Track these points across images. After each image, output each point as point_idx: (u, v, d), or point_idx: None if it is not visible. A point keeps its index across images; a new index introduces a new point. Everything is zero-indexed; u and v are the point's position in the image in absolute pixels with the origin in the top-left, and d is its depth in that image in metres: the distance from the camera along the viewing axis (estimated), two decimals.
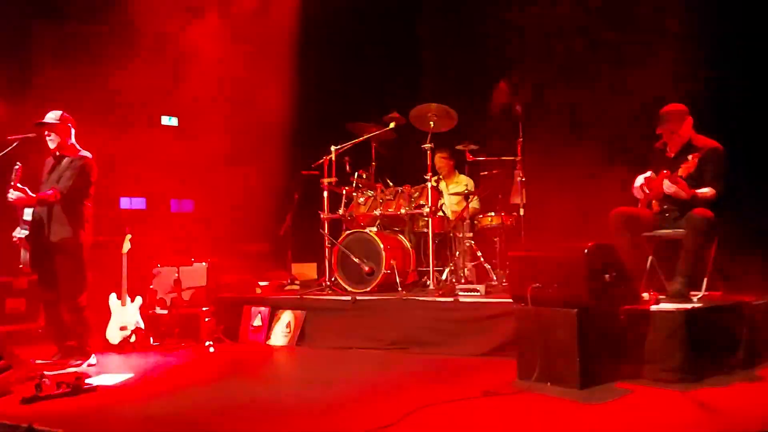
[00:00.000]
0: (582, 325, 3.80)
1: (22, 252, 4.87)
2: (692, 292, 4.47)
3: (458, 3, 8.09)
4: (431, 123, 6.12)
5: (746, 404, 3.49)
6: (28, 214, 4.86)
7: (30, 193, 4.77)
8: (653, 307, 4.10)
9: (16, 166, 4.76)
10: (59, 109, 5.12)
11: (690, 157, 4.36)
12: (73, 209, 5.00)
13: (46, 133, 5.04)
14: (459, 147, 6.53)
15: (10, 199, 4.75)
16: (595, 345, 3.85)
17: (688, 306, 4.07)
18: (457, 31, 7.87)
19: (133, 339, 5.68)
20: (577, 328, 3.79)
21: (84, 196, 5.08)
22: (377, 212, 6.30)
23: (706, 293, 4.54)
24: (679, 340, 3.91)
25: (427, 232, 6.01)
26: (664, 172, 4.56)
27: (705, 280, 4.56)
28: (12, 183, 4.72)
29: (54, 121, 5.02)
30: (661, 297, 4.38)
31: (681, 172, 4.38)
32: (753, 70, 5.92)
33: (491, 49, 7.63)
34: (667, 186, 4.50)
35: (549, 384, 3.87)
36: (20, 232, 4.85)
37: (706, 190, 4.50)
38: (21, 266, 4.91)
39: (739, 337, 4.20)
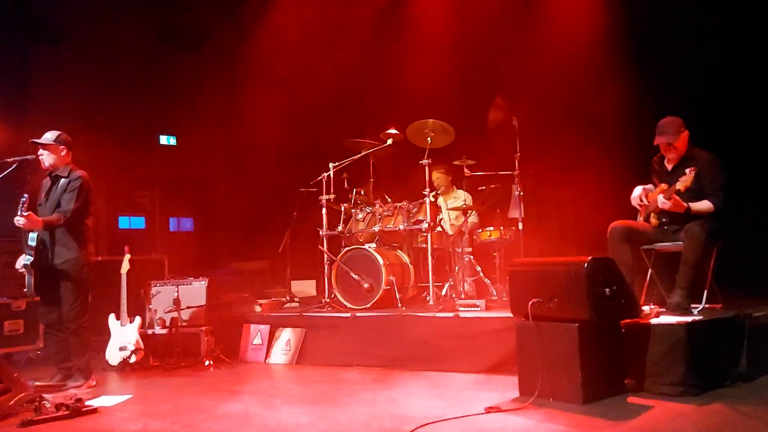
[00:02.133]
0: (583, 339, 3.79)
1: (27, 277, 4.87)
2: (692, 305, 4.47)
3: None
4: (428, 139, 6.14)
5: (748, 416, 3.47)
6: (32, 239, 4.87)
7: (36, 218, 4.81)
8: (654, 321, 4.09)
9: (23, 198, 4.78)
10: (58, 130, 5.14)
11: (687, 171, 4.37)
12: (76, 230, 5.02)
13: (40, 151, 5.05)
14: (456, 162, 6.55)
15: (18, 224, 4.79)
16: (596, 359, 3.84)
17: (689, 319, 4.07)
18: (452, 44, 7.93)
19: (132, 359, 5.66)
20: (578, 343, 3.78)
21: (85, 216, 5.10)
22: (376, 228, 6.30)
23: (707, 305, 4.54)
24: (681, 353, 3.90)
25: (426, 248, 6.01)
26: (662, 186, 4.58)
27: (705, 292, 4.56)
28: (20, 213, 4.75)
29: (49, 142, 5.04)
30: (661, 310, 4.37)
31: (679, 186, 4.39)
32: (751, 82, 5.98)
33: (486, 63, 7.69)
34: (661, 202, 4.52)
35: (551, 399, 3.86)
36: (25, 259, 4.86)
37: (702, 205, 4.51)
38: (25, 290, 4.92)
39: (740, 349, 4.19)
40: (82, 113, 6.91)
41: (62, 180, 5.06)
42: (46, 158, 5.05)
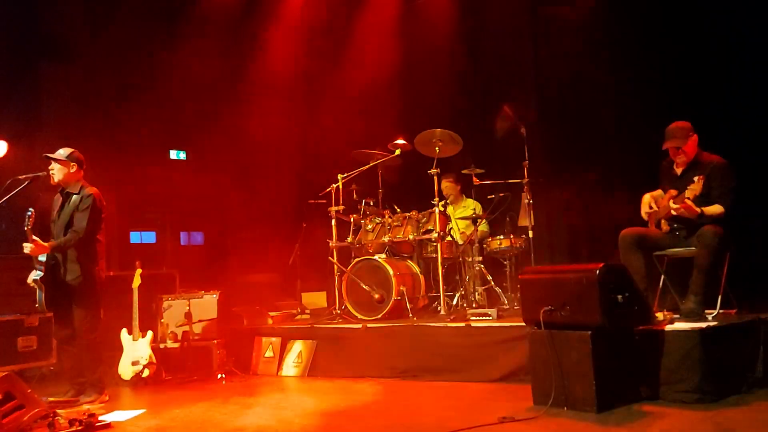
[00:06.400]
0: (596, 347, 3.77)
1: (38, 292, 4.89)
2: (707, 311, 4.43)
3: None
4: (436, 148, 6.15)
5: (767, 424, 3.43)
6: (42, 255, 4.89)
7: (42, 244, 4.82)
8: (668, 327, 4.06)
9: (29, 212, 4.79)
10: (71, 147, 5.18)
11: (696, 178, 4.33)
12: (87, 247, 5.05)
13: (51, 165, 5.09)
14: (465, 171, 6.55)
15: (26, 252, 4.82)
16: (610, 367, 3.81)
17: (703, 324, 4.03)
18: (460, 53, 7.93)
19: (145, 374, 5.67)
20: (592, 351, 3.75)
21: (97, 233, 5.13)
22: (385, 239, 6.29)
23: (721, 311, 4.49)
24: (696, 359, 3.87)
25: (436, 257, 6.00)
26: (671, 192, 4.55)
27: (719, 297, 4.51)
28: (26, 228, 4.76)
29: (60, 157, 5.08)
30: (675, 316, 4.33)
31: (688, 193, 4.35)
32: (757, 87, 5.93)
33: (494, 72, 7.69)
34: (674, 209, 4.48)
35: (565, 408, 3.83)
36: (36, 274, 4.89)
37: (715, 209, 4.48)
38: (36, 306, 4.94)
39: (755, 354, 4.15)
40: (92, 129, 6.95)
41: (74, 197, 5.09)
42: (56, 173, 5.09)
